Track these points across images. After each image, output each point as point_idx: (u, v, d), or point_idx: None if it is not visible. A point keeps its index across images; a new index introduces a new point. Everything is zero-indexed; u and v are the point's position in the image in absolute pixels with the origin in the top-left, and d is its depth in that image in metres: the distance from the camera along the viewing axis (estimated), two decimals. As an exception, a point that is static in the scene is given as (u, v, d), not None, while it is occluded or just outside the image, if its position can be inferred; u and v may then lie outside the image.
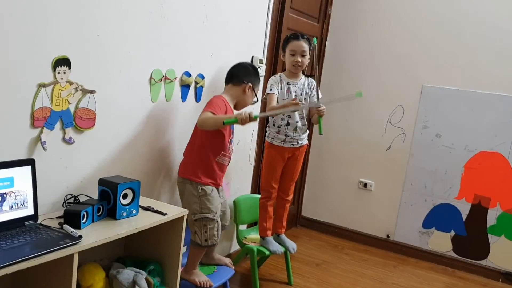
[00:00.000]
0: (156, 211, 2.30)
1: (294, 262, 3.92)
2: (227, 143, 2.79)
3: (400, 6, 4.37)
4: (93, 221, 2.07)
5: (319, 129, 3.10)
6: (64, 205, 2.12)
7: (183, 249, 2.45)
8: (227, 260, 3.19)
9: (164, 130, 2.79)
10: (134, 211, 2.23)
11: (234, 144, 2.96)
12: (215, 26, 3.02)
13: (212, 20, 2.98)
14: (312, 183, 4.97)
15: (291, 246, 3.58)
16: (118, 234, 2.00)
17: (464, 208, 4.25)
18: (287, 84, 3.27)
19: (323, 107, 3.09)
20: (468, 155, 4.18)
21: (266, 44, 3.66)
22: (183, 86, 2.85)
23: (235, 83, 2.87)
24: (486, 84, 4.07)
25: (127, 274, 2.24)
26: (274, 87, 3.21)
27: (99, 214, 2.11)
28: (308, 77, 3.40)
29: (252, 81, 2.88)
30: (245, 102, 2.91)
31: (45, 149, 2.06)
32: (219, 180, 2.86)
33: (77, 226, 1.94)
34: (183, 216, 2.37)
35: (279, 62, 3.77)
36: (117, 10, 2.28)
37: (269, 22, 3.63)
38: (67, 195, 2.16)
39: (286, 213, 3.60)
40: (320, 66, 4.70)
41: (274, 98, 3.19)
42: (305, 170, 4.95)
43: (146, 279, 2.27)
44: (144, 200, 2.42)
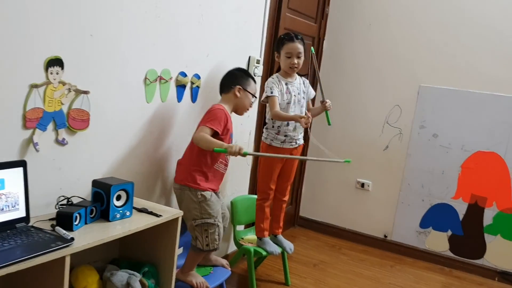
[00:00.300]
0: (151, 213, 2.28)
1: (291, 263, 3.91)
2: None
3: (398, 7, 4.36)
4: (86, 223, 2.05)
5: (328, 120, 3.36)
6: (57, 206, 2.09)
7: (178, 250, 2.44)
8: (224, 261, 3.18)
9: (159, 131, 2.77)
10: (128, 213, 2.21)
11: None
12: (211, 26, 3.00)
13: (208, 20, 2.96)
14: (310, 183, 4.96)
15: (288, 246, 3.57)
16: (111, 236, 1.99)
17: (461, 208, 4.24)
18: (286, 85, 3.26)
19: (328, 102, 3.33)
20: (465, 155, 4.17)
21: (263, 44, 3.64)
22: (178, 86, 2.83)
23: (226, 91, 2.90)
24: (483, 84, 4.06)
25: (121, 276, 2.23)
26: (274, 89, 3.19)
27: (92, 216, 2.10)
28: (301, 76, 3.42)
29: (240, 82, 2.88)
30: (243, 104, 2.91)
31: (37, 150, 2.04)
32: (217, 186, 2.87)
33: (69, 228, 1.93)
34: (178, 217, 2.36)
35: (276, 62, 3.75)
36: (111, 9, 2.26)
37: (266, 22, 3.61)
38: (59, 196, 2.14)
39: (283, 213, 3.59)
40: (318, 68, 4.69)
41: (277, 101, 3.18)
42: (303, 170, 4.93)
43: (141, 281, 2.26)
44: (138, 202, 2.41)
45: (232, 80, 2.89)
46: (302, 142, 3.43)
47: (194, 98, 2.99)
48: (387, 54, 4.43)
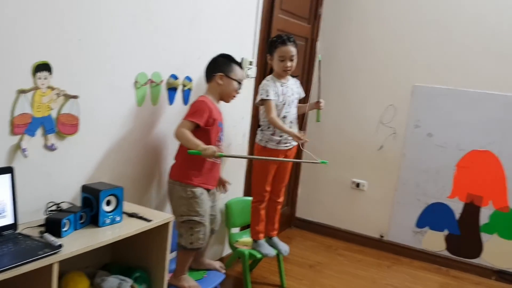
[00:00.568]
0: (141, 218, 2.26)
1: (287, 264, 3.89)
2: (215, 141, 2.75)
3: (390, 6, 4.35)
4: (75, 228, 2.03)
5: (318, 118, 3.39)
6: (46, 212, 2.07)
7: (170, 255, 2.42)
8: (217, 264, 3.16)
9: (150, 135, 2.75)
10: (118, 218, 2.19)
11: (225, 147, 2.93)
12: (202, 28, 2.98)
13: (199, 22, 2.94)
14: (305, 184, 4.95)
15: (284, 248, 3.56)
16: (100, 242, 1.97)
17: (457, 207, 4.23)
18: (281, 86, 3.25)
19: (322, 102, 3.40)
20: (460, 154, 4.16)
21: (255, 46, 3.63)
22: (169, 89, 2.81)
23: (209, 80, 2.86)
24: (477, 83, 4.05)
25: (112, 282, 2.21)
26: (270, 92, 3.17)
27: (81, 222, 2.08)
28: (293, 77, 3.42)
29: (222, 69, 2.81)
30: (227, 91, 2.85)
31: (25, 156, 2.01)
32: (211, 181, 2.83)
33: (58, 235, 1.91)
34: (169, 222, 2.34)
35: (269, 63, 3.74)
36: (99, 13, 2.24)
37: (258, 23, 3.60)
38: (49, 202, 2.11)
39: (278, 215, 3.58)
40: (312, 68, 4.68)
41: (273, 106, 3.17)
42: (298, 171, 4.92)
43: (132, 287, 2.25)
44: (129, 207, 2.38)
45: (214, 67, 2.84)
46: (295, 143, 3.42)
47: (186, 101, 2.97)
48: (380, 54, 4.42)
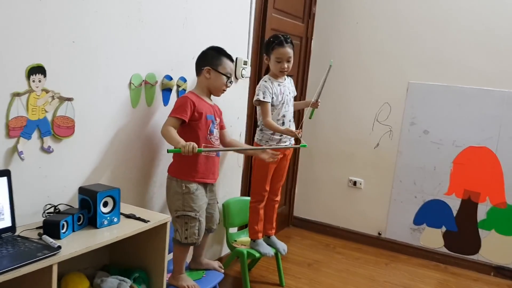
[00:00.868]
0: (138, 218, 2.27)
1: (286, 263, 3.90)
2: (205, 134, 2.74)
3: (385, 4, 4.36)
4: (73, 230, 2.04)
5: (311, 115, 3.48)
6: (44, 215, 2.08)
7: (168, 256, 2.43)
8: (216, 264, 3.16)
9: (146, 136, 2.75)
10: (116, 219, 2.20)
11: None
12: (195, 28, 2.99)
13: (193, 22, 2.95)
14: (303, 183, 4.96)
15: (282, 247, 3.56)
16: (98, 243, 1.97)
17: (454, 204, 4.24)
18: (278, 86, 3.27)
19: (319, 102, 3.48)
20: (456, 150, 4.17)
21: (249, 45, 3.64)
22: (164, 90, 2.82)
23: (197, 74, 2.85)
24: (472, 79, 4.06)
25: (112, 282, 2.22)
26: (267, 94, 3.18)
27: (79, 223, 2.08)
28: (288, 76, 3.44)
29: (210, 63, 2.78)
30: (215, 85, 2.81)
31: (22, 159, 2.02)
32: (208, 174, 2.81)
33: (56, 236, 1.91)
34: (166, 222, 2.34)
35: (264, 63, 3.74)
36: (93, 15, 2.25)
37: (252, 23, 3.60)
38: (46, 204, 2.12)
39: (275, 214, 3.58)
40: (307, 66, 4.70)
41: (269, 108, 3.19)
42: (295, 170, 4.93)
43: (131, 287, 2.25)
44: (127, 208, 2.39)
45: (201, 62, 2.82)
46: (293, 141, 3.43)
47: (181, 102, 2.97)
48: (375, 51, 4.44)
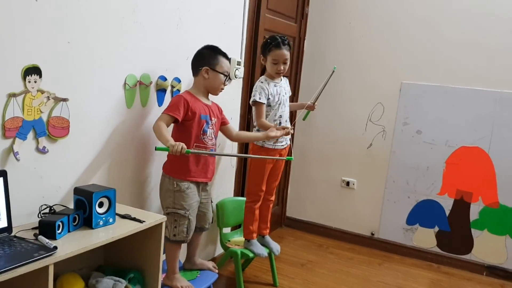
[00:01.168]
0: (134, 219, 2.27)
1: (279, 263, 3.91)
2: (198, 134, 2.75)
3: (378, 4, 4.38)
4: (69, 231, 2.04)
5: (305, 116, 3.59)
6: (39, 215, 2.08)
7: (163, 256, 2.43)
8: (210, 264, 3.17)
9: (140, 136, 2.75)
10: (111, 220, 2.20)
11: (216, 146, 2.95)
12: (189, 29, 3.00)
13: (187, 23, 2.96)
14: (295, 183, 4.97)
15: (275, 247, 3.57)
16: (94, 243, 1.97)
17: (447, 204, 4.27)
18: (275, 87, 3.28)
19: (316, 105, 3.56)
20: (449, 150, 4.20)
21: (243, 46, 3.64)
22: (159, 90, 2.82)
23: (194, 74, 2.85)
24: (465, 79, 4.09)
25: (107, 283, 2.22)
26: (262, 95, 3.19)
27: (75, 224, 2.08)
28: (284, 76, 3.45)
29: (207, 63, 2.79)
30: (213, 85, 2.82)
31: (18, 159, 2.02)
32: (200, 173, 2.81)
33: (52, 237, 1.91)
34: (162, 223, 2.35)
35: (258, 63, 3.76)
36: (87, 16, 2.25)
37: (245, 23, 3.61)
38: (42, 205, 2.12)
39: (270, 213, 3.59)
40: (299, 67, 4.71)
41: (263, 109, 3.21)
42: (288, 170, 4.94)
43: (126, 288, 2.25)
44: (122, 208, 2.39)
45: (198, 62, 2.82)
46: (289, 142, 3.44)
47: (175, 102, 2.97)
48: (368, 52, 4.46)
